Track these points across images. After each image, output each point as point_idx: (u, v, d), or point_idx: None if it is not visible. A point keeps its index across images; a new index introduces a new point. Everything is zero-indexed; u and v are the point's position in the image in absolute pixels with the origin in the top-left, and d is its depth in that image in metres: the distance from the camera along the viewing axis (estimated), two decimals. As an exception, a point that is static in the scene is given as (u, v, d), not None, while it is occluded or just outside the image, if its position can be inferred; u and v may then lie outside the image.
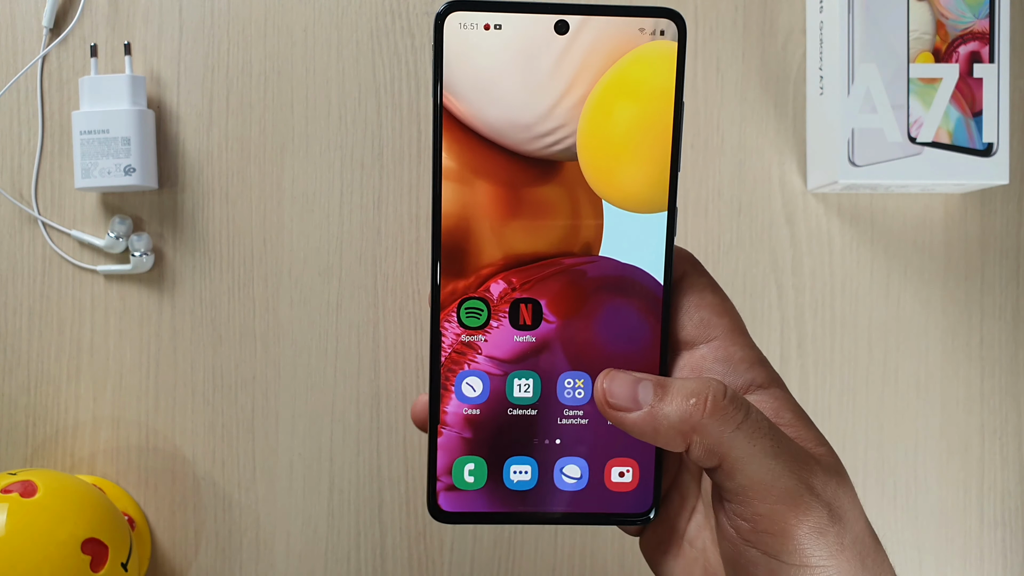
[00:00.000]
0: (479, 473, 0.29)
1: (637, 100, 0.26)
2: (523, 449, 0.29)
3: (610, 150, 0.27)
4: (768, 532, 0.25)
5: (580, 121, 0.27)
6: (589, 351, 0.28)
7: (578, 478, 0.29)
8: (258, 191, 0.54)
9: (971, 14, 0.49)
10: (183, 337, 0.54)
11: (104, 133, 0.52)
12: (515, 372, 0.28)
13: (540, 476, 0.29)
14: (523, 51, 0.26)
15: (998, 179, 0.49)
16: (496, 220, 0.27)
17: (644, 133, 0.27)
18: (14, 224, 0.55)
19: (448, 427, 0.28)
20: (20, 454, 0.55)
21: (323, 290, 0.54)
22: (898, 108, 0.48)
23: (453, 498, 0.29)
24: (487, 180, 0.27)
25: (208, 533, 0.54)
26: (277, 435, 0.54)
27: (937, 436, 0.53)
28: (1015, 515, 0.53)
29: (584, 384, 0.28)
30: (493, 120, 0.26)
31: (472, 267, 0.28)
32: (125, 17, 0.54)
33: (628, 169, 0.27)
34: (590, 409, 0.29)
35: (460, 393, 0.28)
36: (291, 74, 0.54)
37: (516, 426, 0.28)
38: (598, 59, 0.26)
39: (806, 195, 0.53)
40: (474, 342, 0.28)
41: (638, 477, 0.29)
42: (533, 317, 0.28)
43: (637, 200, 0.27)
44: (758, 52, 0.53)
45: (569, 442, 0.29)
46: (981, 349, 0.53)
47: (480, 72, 0.26)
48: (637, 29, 0.26)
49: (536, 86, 0.26)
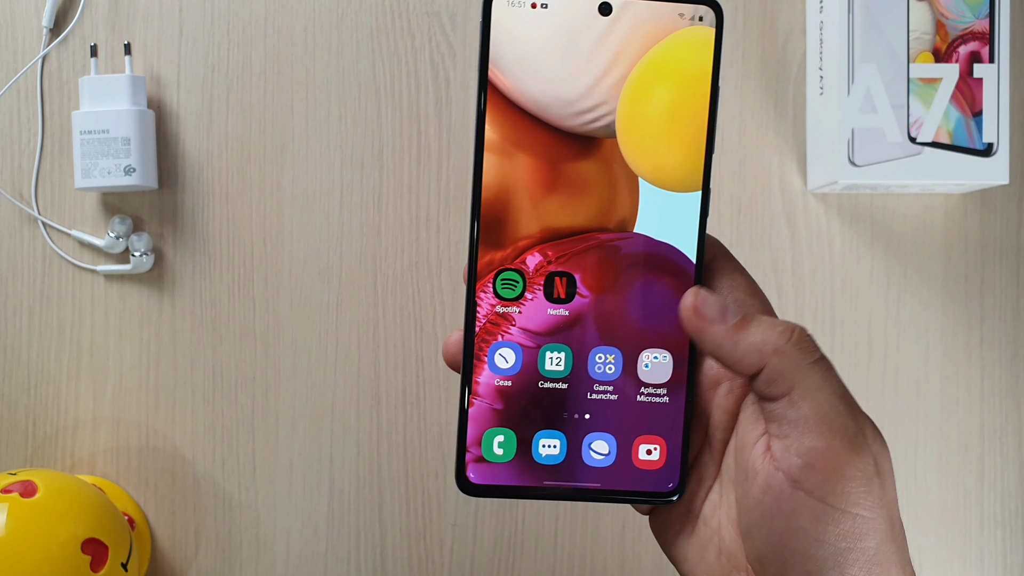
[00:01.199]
0: (508, 445, 0.29)
1: (675, 82, 0.27)
2: (553, 423, 0.29)
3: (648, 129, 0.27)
4: (820, 469, 0.25)
5: (620, 100, 0.27)
6: (621, 327, 0.28)
7: (606, 454, 0.29)
8: (258, 191, 0.54)
9: (971, 14, 0.49)
10: (183, 337, 0.54)
11: (104, 133, 0.52)
12: (548, 345, 0.28)
13: (568, 451, 0.29)
14: (567, 30, 0.27)
15: (998, 179, 0.49)
16: (535, 193, 0.28)
17: (681, 114, 0.27)
18: (14, 224, 0.55)
19: (480, 398, 0.29)
20: (20, 454, 0.55)
21: (323, 290, 0.54)
22: (898, 108, 0.48)
23: (482, 470, 0.29)
24: (528, 153, 0.28)
25: (208, 533, 0.54)
26: (277, 435, 0.54)
27: (937, 436, 0.53)
28: (1015, 515, 0.53)
29: (615, 360, 0.29)
30: (536, 95, 0.27)
31: (510, 239, 0.28)
32: (125, 17, 0.54)
33: (664, 148, 0.28)
34: (620, 384, 0.29)
35: (493, 364, 0.29)
36: (291, 74, 0.54)
37: (547, 399, 0.29)
38: (639, 41, 0.27)
39: (806, 195, 0.53)
40: (508, 313, 0.29)
41: (665, 455, 0.29)
42: (567, 291, 0.28)
43: (672, 179, 0.28)
44: (758, 52, 0.53)
45: (598, 417, 0.29)
46: (981, 349, 0.53)
47: (526, 49, 0.27)
48: (677, 14, 0.27)
49: (579, 64, 0.27)
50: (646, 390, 0.29)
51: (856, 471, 0.25)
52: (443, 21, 0.54)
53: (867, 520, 0.25)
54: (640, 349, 0.29)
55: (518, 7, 0.27)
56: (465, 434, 0.29)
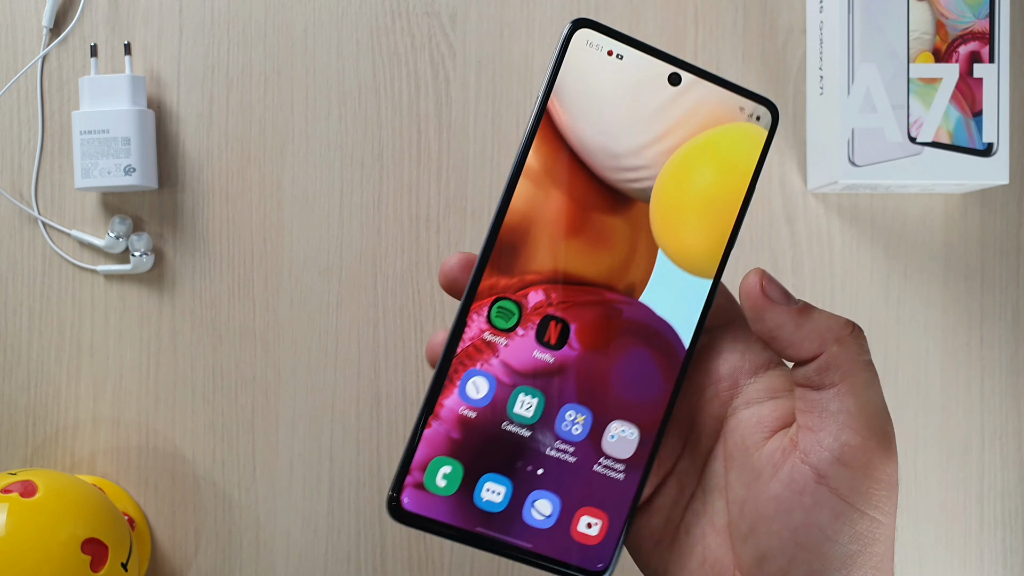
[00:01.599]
0: (453, 479, 0.27)
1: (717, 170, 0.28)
2: (504, 468, 0.27)
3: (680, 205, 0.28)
4: (851, 465, 0.25)
5: (663, 169, 0.28)
6: (600, 389, 0.28)
7: (547, 515, 0.28)
8: (258, 191, 0.54)
9: (971, 14, 0.49)
10: (183, 337, 0.54)
11: (104, 133, 0.52)
12: (523, 387, 0.28)
13: (511, 502, 0.27)
14: (634, 87, 0.28)
15: (998, 179, 0.49)
16: (556, 232, 0.28)
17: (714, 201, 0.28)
18: (14, 224, 0.55)
19: (439, 421, 0.28)
20: (20, 454, 0.55)
21: (323, 290, 0.54)
22: (898, 108, 0.48)
23: (418, 498, 0.27)
24: (561, 191, 0.27)
25: (208, 533, 0.54)
26: (277, 435, 0.54)
27: (937, 436, 0.53)
28: (1015, 515, 0.53)
29: (584, 421, 0.28)
30: (587, 138, 0.27)
31: (519, 269, 0.28)
32: (125, 17, 0.54)
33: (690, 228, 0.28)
34: (582, 448, 0.28)
35: (463, 390, 0.28)
36: (291, 74, 0.54)
37: (505, 442, 0.28)
38: (697, 120, 0.28)
39: (806, 195, 0.53)
40: (495, 343, 0.28)
41: (604, 533, 0.28)
42: (559, 337, 0.28)
43: (689, 260, 0.28)
44: (758, 52, 0.53)
45: (550, 476, 0.28)
46: (981, 349, 0.53)
47: (590, 91, 0.27)
48: (738, 107, 0.28)
49: (636, 122, 0.28)
50: (605, 461, 0.28)
51: (883, 474, 0.25)
52: (443, 21, 0.54)
53: (882, 525, 0.25)
54: (611, 418, 0.28)
55: (595, 49, 0.28)
56: (412, 455, 0.28)
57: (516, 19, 0.54)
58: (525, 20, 0.54)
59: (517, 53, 0.54)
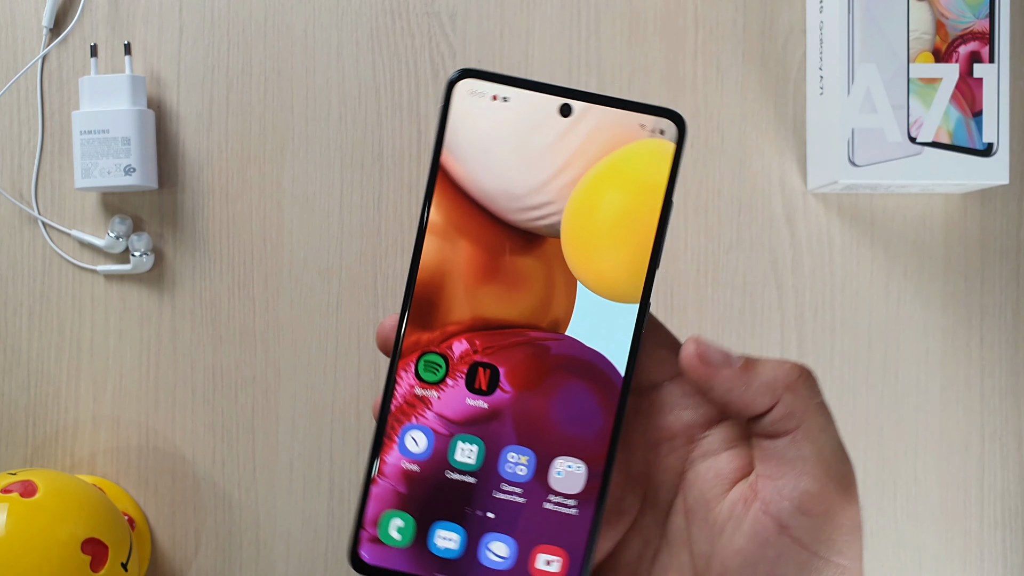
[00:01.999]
0: (406, 531, 0.28)
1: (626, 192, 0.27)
2: (454, 516, 0.28)
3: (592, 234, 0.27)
4: (811, 513, 0.25)
5: (568, 202, 0.27)
6: (539, 428, 0.28)
7: (504, 558, 0.28)
8: (258, 191, 0.54)
9: (971, 14, 0.49)
10: (183, 337, 0.54)
11: (104, 133, 0.52)
12: (461, 435, 0.28)
13: (466, 547, 0.28)
14: (525, 126, 0.27)
15: (998, 179, 0.49)
16: (470, 281, 0.28)
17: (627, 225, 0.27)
18: (14, 224, 0.55)
19: (384, 477, 0.28)
20: (20, 454, 0.55)
21: (323, 290, 0.54)
22: (898, 108, 0.48)
23: (375, 551, 0.28)
24: (468, 241, 0.28)
25: (208, 533, 0.54)
26: (277, 435, 0.54)
27: (937, 436, 0.53)
28: (1015, 515, 0.53)
29: (528, 461, 0.28)
30: (485, 185, 0.27)
31: (439, 322, 0.28)
32: (125, 17, 0.54)
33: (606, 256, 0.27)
34: (530, 488, 0.28)
35: (403, 445, 0.28)
36: (291, 74, 0.54)
37: (452, 491, 0.28)
38: (596, 146, 0.27)
39: (806, 195, 0.53)
40: (427, 396, 0.28)
41: (565, 569, 0.27)
42: (489, 383, 0.28)
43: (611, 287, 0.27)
44: (758, 52, 0.53)
45: (502, 518, 0.28)
46: (981, 349, 0.53)
47: (481, 139, 0.27)
48: (638, 124, 0.27)
49: (532, 160, 0.27)
50: (555, 498, 0.28)
51: (844, 519, 0.25)
52: (443, 21, 0.54)
53: (847, 570, 0.25)
54: (555, 455, 0.28)
55: (479, 96, 0.27)
56: (363, 511, 0.28)
57: (516, 19, 0.54)
58: (525, 20, 0.54)
59: (517, 53, 0.54)
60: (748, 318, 0.53)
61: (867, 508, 0.53)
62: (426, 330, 0.28)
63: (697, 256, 0.53)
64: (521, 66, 0.54)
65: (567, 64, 0.54)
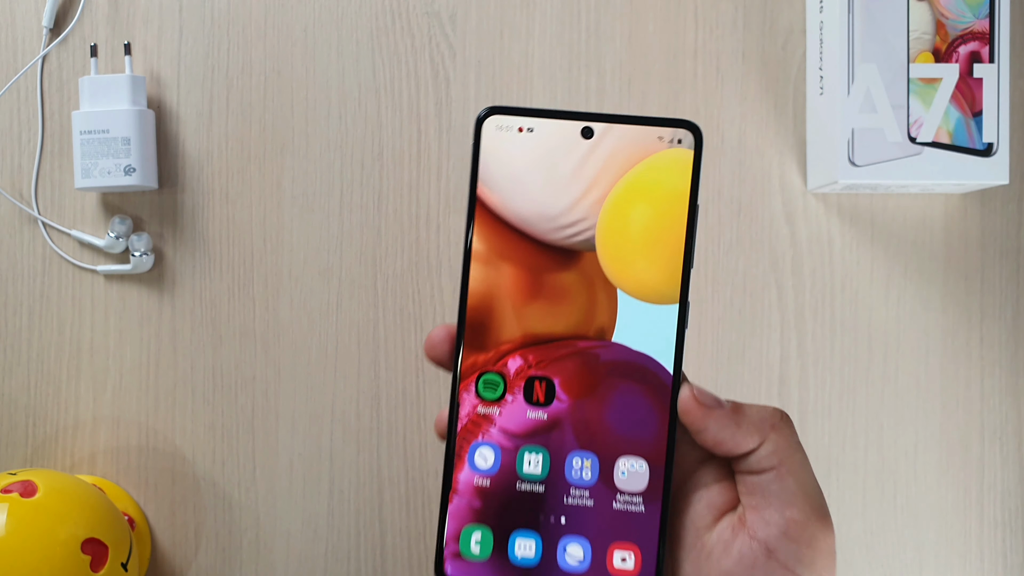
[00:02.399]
0: (485, 543, 0.29)
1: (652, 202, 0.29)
2: (529, 524, 0.29)
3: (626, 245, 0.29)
4: (795, 539, 0.28)
5: (600, 216, 0.29)
6: (598, 432, 0.29)
7: (581, 559, 0.29)
8: (258, 191, 0.54)
9: (971, 14, 0.49)
10: (183, 337, 0.54)
11: (104, 133, 0.52)
12: (526, 447, 0.29)
13: (544, 553, 0.29)
14: (552, 152, 0.29)
15: (998, 179, 0.49)
16: (517, 301, 0.30)
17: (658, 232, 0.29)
18: (14, 224, 0.55)
19: (459, 495, 0.30)
20: (20, 454, 0.55)
21: (323, 290, 0.54)
22: (898, 108, 0.49)
23: (459, 566, 0.29)
24: (512, 264, 0.30)
25: (208, 533, 0.54)
26: (277, 435, 0.54)
27: (937, 436, 0.53)
28: (1015, 515, 0.53)
29: (592, 465, 0.29)
30: (521, 211, 0.29)
31: (492, 343, 0.30)
32: (125, 17, 0.54)
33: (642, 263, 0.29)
34: (596, 490, 0.29)
35: (472, 462, 0.30)
36: (291, 74, 0.54)
37: (524, 500, 0.29)
38: (619, 162, 0.29)
39: (806, 195, 0.53)
40: (489, 414, 0.30)
41: (640, 564, 0.29)
42: (546, 394, 0.29)
43: (650, 292, 0.29)
44: (758, 52, 0.53)
45: (574, 522, 0.29)
46: (981, 349, 0.53)
47: (512, 168, 0.29)
48: (656, 137, 0.29)
49: (562, 183, 0.29)
50: (622, 497, 0.29)
51: (823, 544, 0.28)
52: (443, 21, 0.54)
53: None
54: (616, 456, 0.29)
55: (506, 131, 0.29)
56: (443, 529, 0.30)
57: (516, 19, 0.54)
58: (525, 20, 0.54)
59: (517, 53, 0.54)
60: (748, 318, 0.53)
61: (867, 508, 0.53)
62: (481, 351, 0.30)
63: (697, 256, 0.53)
64: (521, 66, 0.54)
65: (567, 64, 0.54)
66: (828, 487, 0.53)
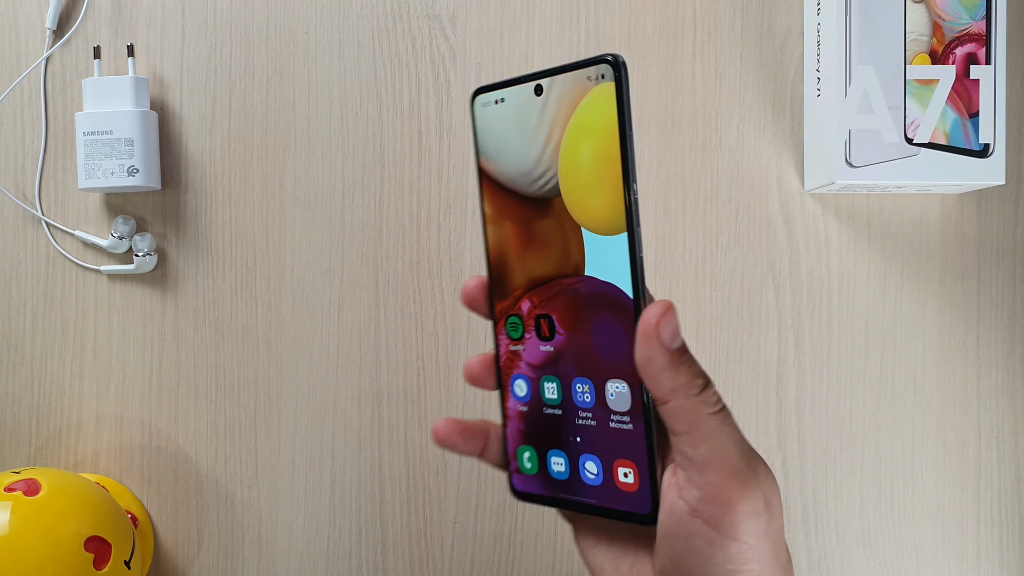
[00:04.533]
0: (533, 460, 0.33)
1: (589, 138, 0.31)
2: (556, 443, 0.33)
3: (578, 183, 0.32)
4: (714, 501, 0.29)
5: (559, 162, 0.32)
6: (589, 359, 0.32)
7: (596, 474, 0.32)
8: (260, 191, 0.54)
9: (968, 16, 0.49)
10: (186, 336, 0.55)
11: (107, 134, 0.52)
12: (544, 376, 0.33)
13: (570, 469, 0.33)
14: (518, 114, 0.33)
15: (994, 179, 0.49)
16: (518, 251, 0.33)
17: (599, 165, 0.31)
18: (18, 224, 0.55)
19: (511, 420, 0.34)
20: (24, 452, 0.55)
21: (325, 290, 0.54)
22: (895, 109, 0.49)
23: (521, 480, 0.34)
24: (509, 220, 0.33)
25: (211, 531, 0.55)
26: (279, 434, 0.54)
27: (934, 435, 0.53)
28: (1011, 513, 0.53)
29: (589, 388, 0.32)
30: (509, 172, 0.33)
31: (509, 290, 0.34)
32: (128, 19, 0.55)
33: (591, 198, 0.31)
34: (596, 411, 0.32)
35: (514, 392, 0.34)
36: (293, 76, 0.55)
37: (550, 423, 0.33)
38: (564, 109, 0.32)
39: (803, 195, 0.54)
40: (517, 351, 0.34)
41: (638, 479, 0.31)
42: (550, 329, 0.33)
43: (602, 224, 0.31)
44: (756, 54, 0.54)
45: (586, 441, 0.32)
46: (978, 348, 0.53)
47: (496, 136, 0.33)
48: (585, 78, 0.31)
49: (529, 140, 0.32)
50: (615, 417, 0.31)
51: (746, 505, 0.29)
52: (444, 23, 0.54)
53: (752, 547, 0.29)
54: (605, 379, 0.32)
55: (488, 105, 0.33)
56: (506, 449, 0.34)
57: (516, 21, 0.54)
58: (525, 22, 0.54)
59: (517, 55, 0.54)
60: (745, 318, 0.53)
61: (864, 507, 0.53)
62: (504, 299, 0.34)
63: (695, 256, 0.54)
64: (521, 68, 0.54)
65: (567, 65, 0.54)
66: (825, 485, 0.53)
